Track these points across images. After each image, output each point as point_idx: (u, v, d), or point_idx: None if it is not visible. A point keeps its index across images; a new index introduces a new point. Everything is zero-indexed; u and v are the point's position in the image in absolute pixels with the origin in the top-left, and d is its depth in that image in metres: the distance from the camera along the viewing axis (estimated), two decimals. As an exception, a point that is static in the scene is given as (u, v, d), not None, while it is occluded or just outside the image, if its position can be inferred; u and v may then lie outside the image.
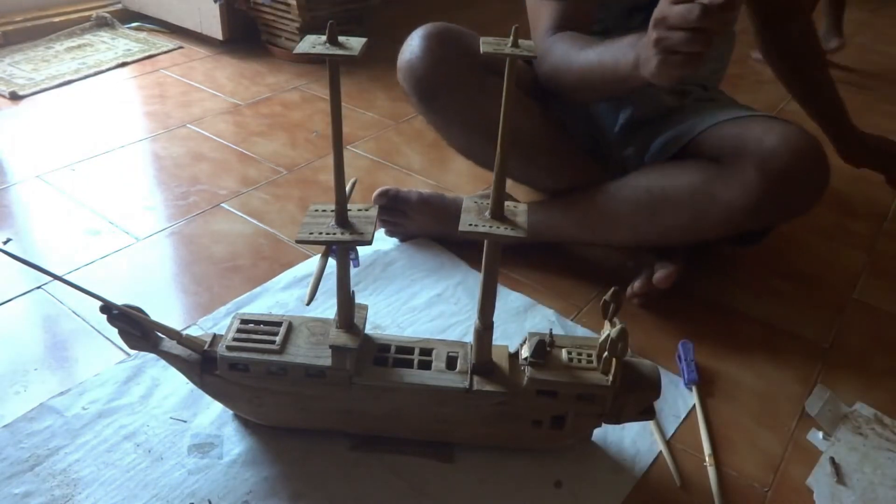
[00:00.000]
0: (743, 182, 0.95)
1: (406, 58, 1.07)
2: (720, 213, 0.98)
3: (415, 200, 1.20)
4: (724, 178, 0.97)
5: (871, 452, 0.88)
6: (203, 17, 2.00)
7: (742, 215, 0.97)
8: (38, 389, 0.89)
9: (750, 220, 0.98)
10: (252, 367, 0.77)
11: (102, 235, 1.19)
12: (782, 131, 0.96)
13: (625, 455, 0.85)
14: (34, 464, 0.79)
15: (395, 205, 1.19)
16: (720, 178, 0.98)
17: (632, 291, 1.08)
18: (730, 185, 0.96)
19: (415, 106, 1.10)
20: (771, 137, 0.95)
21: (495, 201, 0.69)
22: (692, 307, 1.11)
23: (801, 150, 0.94)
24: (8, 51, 1.89)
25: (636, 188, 1.05)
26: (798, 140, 0.94)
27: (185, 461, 0.80)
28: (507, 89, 0.65)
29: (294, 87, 1.81)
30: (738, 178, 0.96)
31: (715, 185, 0.98)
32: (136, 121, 1.60)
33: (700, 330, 1.05)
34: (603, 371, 0.75)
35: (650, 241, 1.08)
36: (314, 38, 0.64)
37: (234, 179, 1.38)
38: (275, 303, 1.06)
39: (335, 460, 0.82)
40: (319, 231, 0.70)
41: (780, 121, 1.00)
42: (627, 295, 1.08)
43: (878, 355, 1.05)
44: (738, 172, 0.96)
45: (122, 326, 0.75)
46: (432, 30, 1.07)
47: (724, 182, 0.97)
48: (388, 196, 1.19)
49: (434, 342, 0.82)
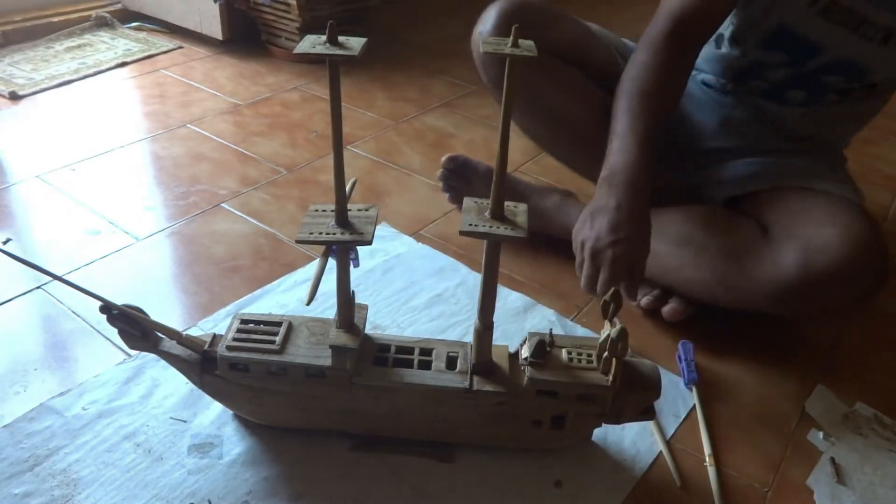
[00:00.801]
0: (778, 266, 0.89)
1: (478, 30, 1.08)
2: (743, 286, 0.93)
3: (482, 171, 1.23)
4: (762, 253, 0.91)
5: (871, 452, 0.88)
6: (203, 17, 2.00)
7: (766, 299, 0.91)
8: (38, 389, 0.89)
9: (774, 306, 0.92)
10: (252, 367, 0.77)
11: (102, 235, 1.19)
12: (845, 226, 0.88)
13: (625, 455, 0.85)
14: (34, 464, 0.79)
15: (462, 171, 1.23)
16: (757, 251, 0.92)
17: (637, 302, 1.07)
18: (763, 263, 0.91)
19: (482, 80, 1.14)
20: (827, 231, 0.88)
21: (495, 201, 0.69)
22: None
23: (857, 251, 0.86)
24: (8, 51, 1.89)
25: (680, 230, 1.00)
26: (855, 237, 0.87)
27: (185, 461, 0.80)
28: (506, 89, 0.65)
29: (294, 87, 1.81)
30: (773, 260, 0.90)
31: (751, 257, 0.92)
32: (136, 121, 1.60)
33: (700, 330, 1.05)
34: (603, 371, 0.75)
35: (675, 285, 1.04)
36: (314, 38, 0.64)
37: (234, 179, 1.38)
38: (275, 304, 1.06)
39: (335, 460, 0.82)
40: (319, 231, 0.70)
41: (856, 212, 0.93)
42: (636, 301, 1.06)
43: (878, 355, 1.05)
44: (778, 253, 0.90)
45: (122, 326, 0.75)
46: (507, 6, 1.04)
47: (759, 258, 0.91)
48: (457, 162, 1.23)
49: (434, 342, 0.82)
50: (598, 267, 0.87)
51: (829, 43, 0.98)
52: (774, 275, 0.90)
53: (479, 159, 1.26)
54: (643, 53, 0.98)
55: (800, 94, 1.05)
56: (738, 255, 0.94)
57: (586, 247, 0.88)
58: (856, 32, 0.95)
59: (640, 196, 0.88)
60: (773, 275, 0.90)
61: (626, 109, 0.94)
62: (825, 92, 1.04)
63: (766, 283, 0.91)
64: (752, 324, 1.08)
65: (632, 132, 0.92)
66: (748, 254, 0.93)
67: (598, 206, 0.89)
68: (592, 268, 0.88)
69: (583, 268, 0.89)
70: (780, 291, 0.89)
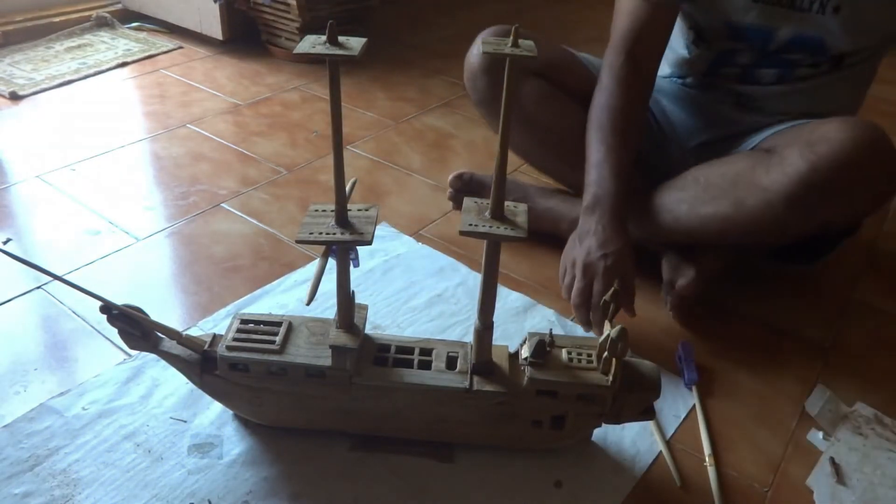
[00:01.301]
0: (784, 166, 0.88)
1: (469, 59, 1.17)
2: (759, 201, 0.91)
3: (489, 182, 1.22)
4: (768, 162, 0.91)
5: (871, 452, 0.88)
6: (203, 17, 2.00)
7: (782, 205, 0.88)
8: (38, 389, 0.89)
9: (793, 212, 0.89)
10: (252, 367, 0.77)
11: (102, 235, 1.19)
12: (844, 120, 0.88)
13: (625, 455, 0.85)
14: (34, 464, 0.79)
15: (469, 188, 1.23)
16: (764, 164, 0.92)
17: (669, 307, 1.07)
18: (771, 170, 0.90)
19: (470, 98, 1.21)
20: (828, 125, 0.88)
21: (495, 201, 0.69)
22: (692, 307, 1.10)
23: (859, 137, 0.84)
24: (8, 51, 1.89)
25: (684, 177, 1.03)
26: (857, 128, 0.85)
27: (185, 461, 0.80)
28: (506, 89, 0.65)
29: (294, 87, 1.81)
30: (780, 163, 0.89)
31: (757, 169, 0.92)
32: (136, 121, 1.60)
33: (700, 330, 1.05)
34: (603, 371, 0.75)
35: (690, 233, 1.02)
36: (314, 38, 0.64)
37: (234, 179, 1.38)
38: (275, 304, 1.06)
39: (335, 460, 0.82)
40: (319, 231, 0.70)
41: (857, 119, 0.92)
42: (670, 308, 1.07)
43: (878, 355, 1.05)
44: (783, 157, 0.89)
45: (122, 326, 0.75)
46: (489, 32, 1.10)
47: (766, 166, 0.91)
48: (463, 180, 1.24)
49: (434, 342, 0.82)
50: (590, 279, 0.94)
51: (778, 24, 1.01)
52: (784, 177, 0.88)
53: (480, 160, 1.27)
54: (606, 78, 1.05)
55: (771, 72, 1.07)
56: (747, 175, 0.93)
57: (577, 263, 0.96)
58: (793, 8, 0.99)
59: (620, 221, 0.98)
60: (782, 178, 0.88)
61: (600, 140, 1.02)
62: (794, 67, 1.05)
63: (777, 189, 0.89)
64: (753, 324, 1.09)
65: (606, 163, 1.00)
66: (756, 169, 0.93)
67: (584, 231, 0.98)
68: (584, 280, 0.94)
69: (573, 285, 0.96)
70: (792, 193, 0.87)
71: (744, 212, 0.94)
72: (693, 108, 1.16)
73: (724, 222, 0.97)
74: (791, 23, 1.00)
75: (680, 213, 1.02)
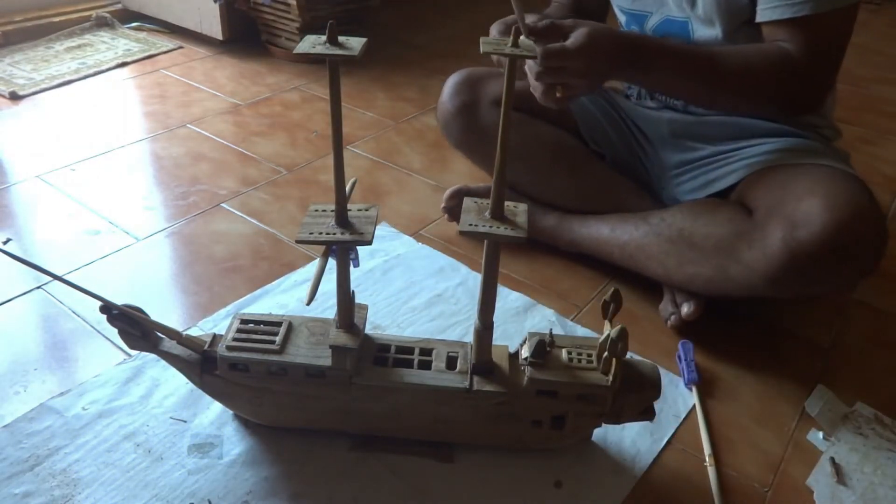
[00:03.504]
0: (764, 247, 0.87)
1: (441, 105, 1.21)
2: (741, 275, 0.91)
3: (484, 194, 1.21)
4: (749, 236, 0.90)
5: (871, 452, 0.88)
6: (203, 17, 2.00)
7: (763, 282, 0.88)
8: (38, 389, 0.89)
9: (772, 289, 0.89)
10: (252, 367, 0.77)
11: (102, 235, 1.19)
12: (825, 192, 0.85)
13: (625, 455, 0.85)
14: (34, 464, 0.79)
15: None
16: (746, 237, 0.90)
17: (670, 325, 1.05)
18: (753, 245, 0.89)
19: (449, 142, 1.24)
20: (808, 200, 0.85)
21: (495, 201, 0.69)
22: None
23: (842, 220, 0.81)
24: (8, 51, 1.89)
25: (672, 227, 1.00)
26: (838, 206, 0.82)
27: (185, 461, 0.80)
28: (506, 88, 0.65)
29: (294, 87, 1.81)
30: (761, 242, 0.88)
31: (740, 242, 0.90)
32: (136, 121, 1.60)
33: (700, 330, 1.05)
34: (603, 371, 0.75)
35: (679, 284, 1.02)
36: (314, 38, 0.64)
37: (234, 179, 1.38)
38: (275, 304, 1.06)
39: (335, 460, 0.82)
40: (319, 231, 0.70)
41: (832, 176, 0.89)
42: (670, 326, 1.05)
43: (878, 355, 1.05)
44: (762, 235, 0.88)
45: (122, 326, 0.75)
46: (455, 79, 1.19)
47: (748, 242, 0.89)
48: (459, 198, 1.19)
49: (434, 342, 0.82)
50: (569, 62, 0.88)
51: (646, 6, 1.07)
52: (763, 258, 0.87)
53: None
54: None
55: None
56: (728, 244, 0.92)
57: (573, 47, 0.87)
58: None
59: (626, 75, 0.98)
60: (762, 258, 0.87)
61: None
62: None
63: (757, 267, 0.88)
64: (753, 324, 1.09)
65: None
66: (738, 239, 0.91)
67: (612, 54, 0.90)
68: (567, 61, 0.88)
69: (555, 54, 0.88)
70: (772, 274, 0.87)
71: (727, 278, 0.93)
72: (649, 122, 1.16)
73: (709, 283, 0.97)
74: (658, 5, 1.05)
75: (669, 266, 1.01)
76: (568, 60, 0.87)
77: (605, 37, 0.89)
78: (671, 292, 1.07)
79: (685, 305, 1.02)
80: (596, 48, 0.87)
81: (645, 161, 1.18)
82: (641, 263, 1.05)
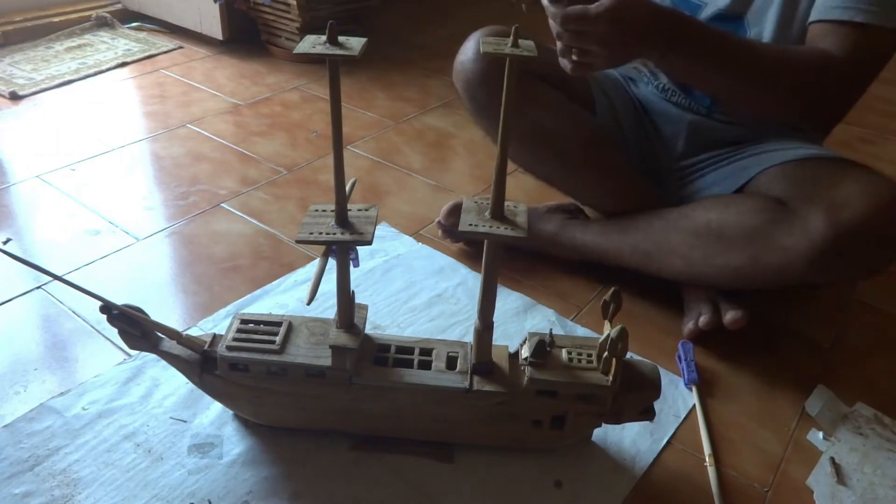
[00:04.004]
0: (806, 230, 0.86)
1: (460, 59, 1.09)
2: (778, 261, 0.90)
3: None
4: (788, 222, 0.89)
5: (871, 452, 0.88)
6: (203, 17, 2.00)
7: (803, 266, 0.87)
8: (38, 389, 0.89)
9: (811, 272, 0.88)
10: (252, 367, 0.77)
11: (102, 235, 1.19)
12: (859, 177, 0.87)
13: (625, 455, 0.85)
14: (34, 464, 0.79)
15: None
16: (784, 223, 0.89)
17: (692, 329, 1.03)
18: (793, 231, 0.88)
19: (466, 108, 1.13)
20: (847, 184, 0.87)
21: (495, 201, 0.69)
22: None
23: (883, 203, 0.84)
24: (8, 51, 1.89)
25: (696, 220, 0.99)
26: (878, 189, 0.85)
27: (185, 461, 0.80)
28: (506, 88, 0.65)
29: (294, 87, 1.81)
30: (802, 225, 0.87)
31: (777, 229, 0.90)
32: (136, 121, 1.60)
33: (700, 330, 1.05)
34: (603, 371, 0.75)
35: (703, 278, 1.00)
36: (314, 38, 0.64)
37: (234, 179, 1.38)
38: (275, 304, 1.06)
39: (335, 460, 0.82)
40: (319, 231, 0.70)
41: (859, 166, 0.92)
42: (686, 332, 1.03)
43: (878, 355, 1.05)
44: (803, 218, 0.87)
45: (122, 326, 0.75)
46: (487, 33, 1.05)
47: (787, 227, 0.89)
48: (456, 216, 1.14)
49: (434, 342, 0.82)
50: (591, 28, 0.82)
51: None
52: (806, 241, 0.87)
53: (479, 159, 1.25)
54: None
55: None
56: (764, 232, 0.91)
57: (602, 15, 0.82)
58: None
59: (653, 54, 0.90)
60: (805, 242, 0.87)
61: None
62: None
63: (800, 251, 0.87)
64: (753, 324, 1.08)
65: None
66: (773, 227, 0.91)
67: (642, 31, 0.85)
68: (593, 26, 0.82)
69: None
70: (816, 256, 0.86)
71: (759, 267, 0.92)
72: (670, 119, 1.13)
73: (738, 274, 0.95)
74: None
75: (693, 259, 0.98)
76: (587, 25, 0.82)
77: (637, 5, 0.83)
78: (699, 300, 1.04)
79: (730, 312, 1.00)
80: (623, 16, 0.81)
81: (651, 158, 1.16)
82: (659, 261, 1.02)
